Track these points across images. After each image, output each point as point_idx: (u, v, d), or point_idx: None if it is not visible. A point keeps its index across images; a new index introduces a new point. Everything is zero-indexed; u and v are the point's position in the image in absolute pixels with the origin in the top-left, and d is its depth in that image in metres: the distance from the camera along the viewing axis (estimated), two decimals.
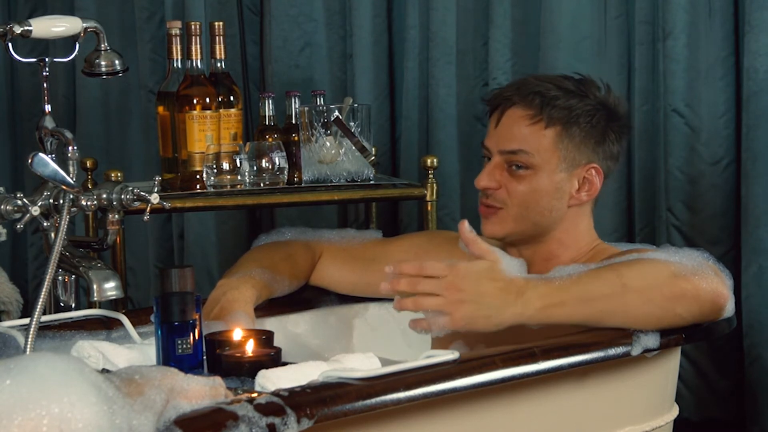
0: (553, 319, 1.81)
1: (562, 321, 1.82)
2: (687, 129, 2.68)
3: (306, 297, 2.27)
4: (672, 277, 1.84)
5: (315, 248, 2.28)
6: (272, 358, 1.83)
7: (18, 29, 1.96)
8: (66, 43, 2.07)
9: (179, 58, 2.54)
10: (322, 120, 2.49)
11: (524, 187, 1.99)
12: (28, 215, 1.86)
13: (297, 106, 2.57)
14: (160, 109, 2.56)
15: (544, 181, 1.99)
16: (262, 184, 2.47)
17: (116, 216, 1.97)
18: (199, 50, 2.51)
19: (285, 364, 1.77)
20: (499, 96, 2.04)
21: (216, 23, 2.57)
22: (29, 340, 1.75)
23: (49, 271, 1.79)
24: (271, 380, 1.67)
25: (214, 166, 2.45)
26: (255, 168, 2.47)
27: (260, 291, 2.12)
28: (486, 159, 2.04)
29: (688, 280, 1.84)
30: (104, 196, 1.93)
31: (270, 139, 2.53)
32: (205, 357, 1.81)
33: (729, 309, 1.90)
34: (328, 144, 2.49)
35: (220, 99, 2.53)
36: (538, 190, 1.99)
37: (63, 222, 1.84)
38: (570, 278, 1.84)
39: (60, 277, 1.97)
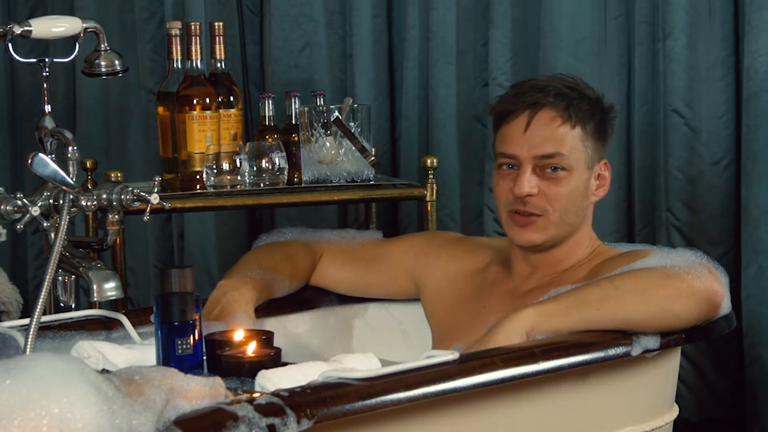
0: (553, 326, 1.82)
1: (562, 329, 1.82)
2: (687, 129, 2.68)
3: (306, 297, 2.27)
4: (666, 277, 1.85)
5: (315, 249, 2.28)
6: (272, 358, 1.83)
7: (18, 29, 1.96)
8: (66, 43, 2.07)
9: (179, 58, 2.54)
10: (322, 120, 2.49)
11: (564, 189, 1.99)
12: (28, 215, 1.86)
13: (297, 107, 2.57)
14: (160, 109, 2.56)
15: (577, 180, 2.00)
16: (262, 185, 2.47)
17: (116, 216, 1.97)
18: (199, 50, 2.51)
19: (285, 364, 1.77)
20: (522, 102, 2.01)
21: (216, 23, 2.57)
22: (29, 340, 1.74)
23: (49, 271, 1.79)
24: (271, 380, 1.67)
25: (214, 167, 2.45)
26: (255, 168, 2.47)
27: (260, 291, 2.12)
28: (503, 167, 2.02)
29: (682, 279, 1.85)
30: (104, 196, 1.93)
31: (270, 140, 2.53)
32: (205, 357, 1.81)
33: (725, 306, 1.91)
34: (328, 144, 2.49)
35: (220, 99, 2.53)
36: (574, 190, 2.00)
37: (63, 222, 1.84)
38: (566, 291, 1.88)
39: (60, 278, 1.96)
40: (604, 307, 1.83)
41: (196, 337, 1.73)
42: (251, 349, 1.84)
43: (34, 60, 2.02)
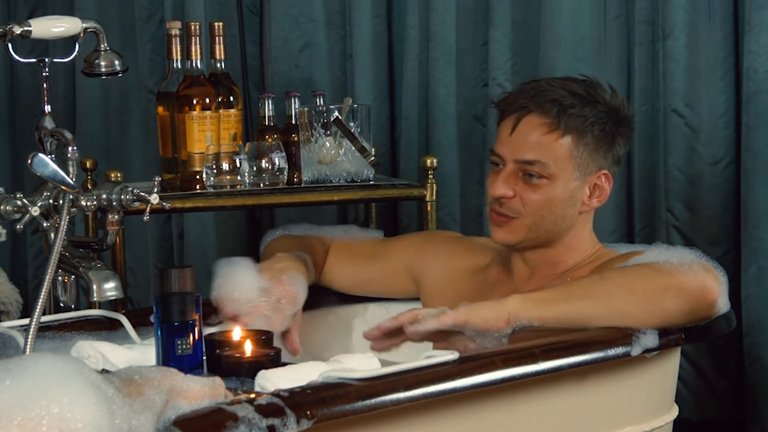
0: (538, 314, 1.82)
1: (547, 317, 1.82)
2: (687, 129, 2.68)
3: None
4: (655, 272, 1.85)
5: (326, 242, 2.28)
6: (272, 358, 1.83)
7: (18, 29, 1.96)
8: (66, 43, 2.07)
9: (179, 58, 2.54)
10: (321, 120, 2.49)
11: (539, 197, 1.98)
12: (28, 215, 1.86)
13: (297, 107, 2.57)
14: (160, 109, 2.56)
15: (559, 190, 1.98)
16: (261, 185, 2.47)
17: (116, 216, 1.97)
18: (198, 50, 2.51)
19: (285, 364, 1.77)
20: (514, 103, 2.00)
21: (216, 23, 2.57)
22: (29, 340, 1.75)
23: (49, 271, 1.79)
24: (271, 380, 1.67)
25: (214, 167, 2.45)
26: (255, 168, 2.47)
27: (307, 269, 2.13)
28: (495, 165, 2.02)
29: (672, 274, 1.84)
30: (104, 196, 1.93)
31: (270, 140, 2.53)
32: (204, 357, 1.81)
33: (721, 305, 1.90)
34: (327, 144, 2.49)
35: (219, 99, 2.53)
36: (553, 199, 1.98)
37: (63, 222, 1.84)
38: (555, 284, 1.89)
39: (60, 278, 1.97)
40: (591, 300, 1.83)
41: (196, 337, 1.74)
42: (251, 349, 1.84)
43: (34, 60, 2.02)
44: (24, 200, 1.87)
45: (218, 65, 2.56)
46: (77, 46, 2.04)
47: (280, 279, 2.04)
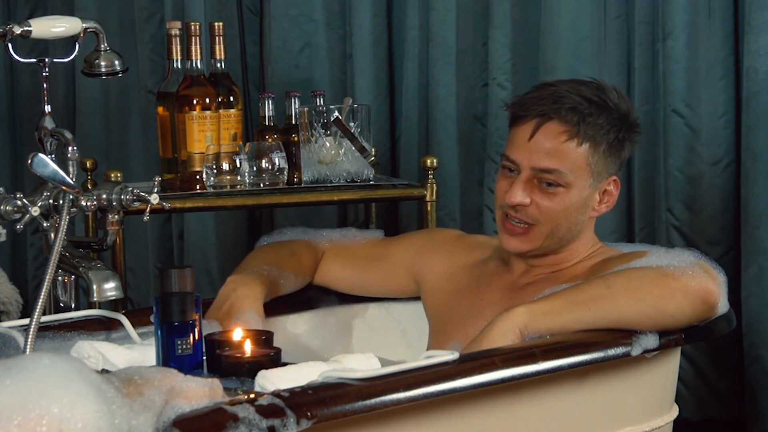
0: (545, 326, 1.82)
1: (555, 328, 1.82)
2: (687, 129, 2.68)
3: (306, 297, 2.27)
4: (659, 277, 1.84)
5: (318, 246, 2.28)
6: (272, 358, 1.83)
7: (18, 29, 1.96)
8: (66, 43, 2.07)
9: (179, 58, 2.54)
10: (321, 120, 2.49)
11: (556, 205, 1.97)
12: (28, 215, 1.86)
13: (297, 107, 2.57)
14: (160, 109, 2.56)
15: (575, 198, 1.98)
16: (261, 185, 2.47)
17: (116, 216, 1.97)
18: (198, 50, 2.51)
19: (285, 364, 1.77)
20: (533, 109, 1.98)
21: (216, 23, 2.57)
22: (29, 340, 1.75)
23: (49, 271, 1.79)
24: (271, 380, 1.67)
25: (214, 167, 2.45)
26: (255, 168, 2.47)
27: (269, 287, 2.12)
28: (506, 170, 2.01)
29: (677, 278, 1.84)
30: (104, 196, 1.93)
31: (270, 140, 2.53)
32: (204, 357, 1.81)
33: (721, 306, 1.90)
34: (327, 144, 2.49)
35: (219, 99, 2.53)
36: (568, 207, 1.98)
37: (63, 222, 1.84)
38: (560, 290, 1.88)
39: (60, 278, 1.97)
40: (596, 307, 1.83)
41: (196, 337, 1.74)
42: (251, 349, 1.84)
43: (34, 60, 2.02)
44: (24, 200, 1.87)
45: (218, 65, 2.56)
46: (77, 46, 2.05)
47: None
